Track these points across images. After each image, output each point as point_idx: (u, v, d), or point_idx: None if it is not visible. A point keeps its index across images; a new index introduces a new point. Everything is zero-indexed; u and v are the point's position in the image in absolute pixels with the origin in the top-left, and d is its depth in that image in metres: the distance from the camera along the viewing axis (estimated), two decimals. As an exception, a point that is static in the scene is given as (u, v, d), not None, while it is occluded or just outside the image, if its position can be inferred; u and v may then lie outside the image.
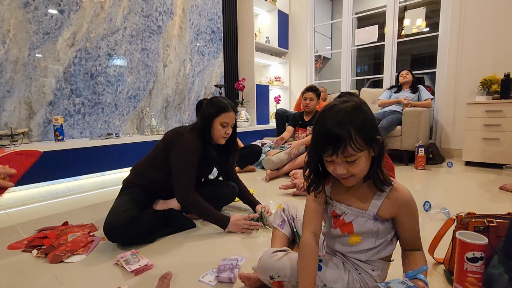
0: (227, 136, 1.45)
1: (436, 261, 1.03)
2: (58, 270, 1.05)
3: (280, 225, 1.04)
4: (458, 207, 1.56)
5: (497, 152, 2.57)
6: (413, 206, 0.73)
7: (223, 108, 1.41)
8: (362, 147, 0.66)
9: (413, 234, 0.75)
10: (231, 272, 0.95)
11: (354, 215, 0.75)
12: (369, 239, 0.74)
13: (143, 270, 1.02)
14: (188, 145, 1.37)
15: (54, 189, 2.20)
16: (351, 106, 0.68)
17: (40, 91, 2.21)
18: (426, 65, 8.00)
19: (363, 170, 0.69)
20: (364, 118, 0.67)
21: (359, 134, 0.65)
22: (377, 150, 0.69)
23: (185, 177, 1.35)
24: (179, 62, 3.24)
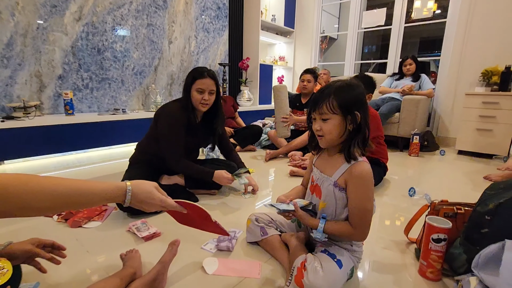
0: (205, 103, 1.47)
1: (409, 240, 1.17)
2: (78, 233, 1.19)
3: (263, 234, 1.05)
4: (442, 194, 1.68)
5: (488, 143, 2.66)
6: (363, 181, 0.81)
7: (198, 75, 1.45)
8: (335, 110, 0.81)
9: (352, 207, 0.83)
10: (229, 242, 1.09)
11: (322, 180, 0.90)
12: (332, 206, 0.88)
13: (152, 237, 1.16)
14: (171, 114, 1.46)
15: (64, 160, 2.33)
16: (342, 82, 0.84)
17: (49, 65, 2.27)
18: (436, 48, 7.82)
19: (332, 132, 0.83)
20: (346, 92, 0.82)
21: (336, 99, 0.81)
22: (353, 125, 0.82)
23: (173, 145, 1.46)
24: (184, 39, 3.24)
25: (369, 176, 0.83)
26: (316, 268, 0.76)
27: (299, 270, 0.77)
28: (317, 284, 0.73)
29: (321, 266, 0.77)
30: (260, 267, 0.97)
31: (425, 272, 0.94)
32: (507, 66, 2.60)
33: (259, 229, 1.07)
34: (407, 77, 3.15)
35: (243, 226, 1.24)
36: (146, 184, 0.73)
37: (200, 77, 1.45)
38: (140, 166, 1.53)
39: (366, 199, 0.82)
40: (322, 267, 0.77)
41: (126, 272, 0.80)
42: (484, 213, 0.85)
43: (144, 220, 1.28)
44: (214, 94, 1.50)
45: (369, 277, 0.96)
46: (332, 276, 0.77)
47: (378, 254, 1.10)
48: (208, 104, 1.49)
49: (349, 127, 0.82)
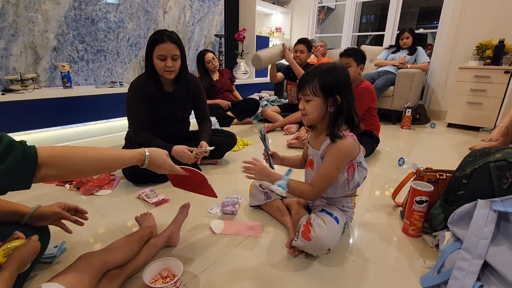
0: (170, 70, 1.34)
1: (396, 204, 1.30)
2: (91, 200, 1.28)
3: (267, 198, 1.16)
4: (429, 164, 1.79)
5: (477, 116, 2.76)
6: (337, 151, 0.89)
7: (156, 40, 1.30)
8: (317, 92, 0.89)
9: (319, 171, 0.93)
10: (233, 206, 1.20)
11: (313, 155, 1.01)
12: None
13: (161, 202, 1.26)
14: (131, 88, 1.40)
15: (65, 133, 2.37)
16: (327, 65, 0.92)
17: (43, 36, 2.23)
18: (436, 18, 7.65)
19: (313, 112, 0.91)
20: (329, 76, 0.88)
21: (319, 82, 0.88)
22: (334, 107, 0.89)
23: (132, 118, 1.42)
24: (179, 9, 3.15)
25: (346, 149, 0.90)
26: (320, 224, 0.88)
27: (306, 226, 0.89)
28: (322, 236, 0.85)
29: (323, 222, 0.89)
30: (262, 227, 1.09)
31: (408, 230, 1.07)
32: (501, 40, 2.63)
33: (263, 194, 1.18)
34: (403, 50, 3.16)
35: (244, 193, 1.35)
36: (160, 151, 0.85)
37: (158, 42, 1.30)
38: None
39: (333, 167, 0.91)
40: (324, 222, 0.88)
41: (144, 231, 0.90)
42: (461, 177, 0.95)
43: (152, 188, 1.38)
44: (179, 59, 1.36)
45: (360, 235, 1.08)
46: (333, 230, 0.89)
47: (368, 216, 1.22)
48: (173, 71, 1.36)
49: (330, 109, 0.90)
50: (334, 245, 0.90)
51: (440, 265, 0.84)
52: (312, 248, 0.88)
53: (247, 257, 0.93)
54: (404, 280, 0.85)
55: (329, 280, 0.84)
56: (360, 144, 1.96)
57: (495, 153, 0.91)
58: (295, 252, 0.93)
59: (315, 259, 0.92)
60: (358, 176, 0.96)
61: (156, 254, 0.89)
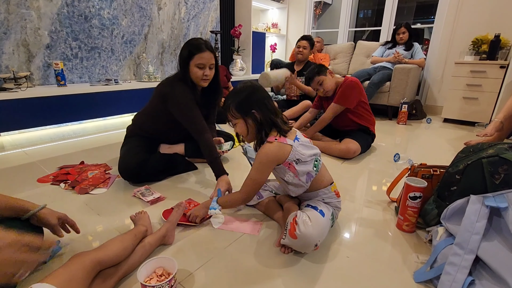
0: (206, 78, 1.39)
1: (391, 199, 1.30)
2: (86, 199, 1.28)
3: (259, 197, 1.18)
4: (425, 159, 1.80)
5: (473, 111, 2.77)
6: (257, 158, 0.95)
7: (196, 49, 1.33)
8: (236, 115, 0.96)
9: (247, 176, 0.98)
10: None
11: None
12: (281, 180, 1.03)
13: (157, 201, 1.26)
14: (183, 97, 1.39)
15: (60, 132, 2.36)
16: (234, 89, 0.99)
17: (36, 33, 2.20)
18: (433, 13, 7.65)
19: (244, 132, 0.98)
20: (238, 97, 0.95)
21: (233, 105, 0.95)
22: (255, 121, 0.95)
23: (195, 123, 1.38)
24: (174, 5, 3.12)
25: (267, 155, 0.94)
26: (305, 221, 0.87)
27: (292, 224, 0.88)
28: (307, 234, 0.85)
29: (308, 218, 0.88)
30: (261, 226, 1.09)
31: (402, 225, 1.07)
32: (496, 34, 2.63)
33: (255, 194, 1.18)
34: (399, 45, 3.16)
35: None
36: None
37: (198, 51, 1.34)
38: (136, 139, 1.55)
39: (255, 171, 0.96)
40: (309, 218, 0.88)
41: (139, 229, 0.90)
42: (455, 173, 0.96)
43: (148, 186, 1.37)
44: (213, 68, 1.42)
45: (354, 231, 1.09)
46: (319, 224, 0.89)
47: (363, 211, 1.22)
48: (209, 79, 1.42)
49: (253, 124, 0.96)
50: (322, 240, 0.90)
51: (432, 260, 0.85)
52: (299, 245, 0.88)
53: (242, 255, 0.93)
54: (397, 275, 0.86)
55: (323, 276, 0.84)
56: (356, 141, 1.95)
57: (487, 149, 0.91)
58: (286, 250, 0.93)
59: (307, 255, 0.93)
60: (303, 168, 0.96)
61: (151, 253, 0.89)
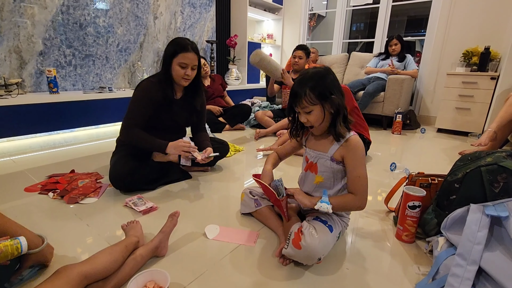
0: (187, 78, 1.40)
1: (389, 209, 1.28)
2: (75, 209, 1.23)
3: (257, 205, 1.13)
4: (420, 169, 1.80)
5: (466, 121, 2.81)
6: (357, 151, 0.90)
7: (182, 48, 1.35)
8: (314, 101, 0.87)
9: (353, 176, 0.91)
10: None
11: (318, 157, 0.98)
12: (329, 179, 0.97)
13: (149, 210, 1.22)
14: (140, 90, 1.39)
15: (51, 140, 2.30)
16: (312, 71, 0.89)
17: (29, 40, 2.18)
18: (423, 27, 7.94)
19: (318, 121, 0.90)
20: (318, 81, 0.86)
21: (312, 91, 0.86)
22: (333, 108, 0.88)
23: (129, 114, 1.39)
24: (170, 14, 3.14)
25: (362, 146, 0.92)
26: (312, 232, 0.85)
27: (296, 234, 0.86)
28: (312, 245, 0.82)
29: (315, 230, 0.86)
30: (257, 237, 1.06)
31: (401, 236, 1.05)
32: (486, 47, 2.70)
33: (253, 201, 1.15)
34: (392, 57, 3.21)
35: (237, 200, 1.32)
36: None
37: (183, 50, 1.35)
38: (127, 147, 1.50)
39: (363, 167, 0.91)
40: (316, 231, 0.86)
41: (130, 240, 0.86)
42: (453, 181, 0.95)
43: (140, 195, 1.33)
44: (196, 69, 1.44)
45: (353, 242, 1.06)
46: (325, 238, 0.86)
47: (361, 222, 1.20)
48: (190, 79, 1.43)
49: (330, 110, 0.89)
50: (325, 254, 0.87)
51: (434, 271, 0.83)
52: (302, 257, 0.84)
53: (237, 267, 0.89)
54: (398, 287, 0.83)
55: (322, 290, 0.81)
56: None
57: (485, 157, 0.91)
58: (285, 261, 0.90)
59: (307, 267, 0.90)
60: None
61: (142, 265, 0.85)
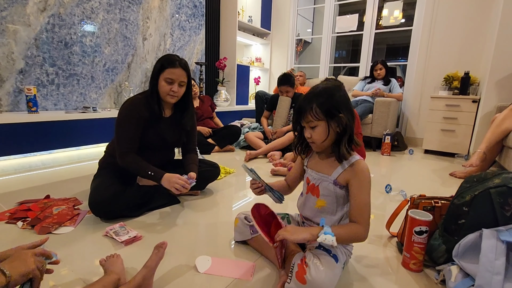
0: (174, 95, 1.35)
1: (391, 234, 1.22)
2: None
3: (253, 232, 1.04)
4: (414, 190, 1.77)
5: (451, 142, 2.87)
6: (363, 177, 0.84)
7: (169, 63, 1.31)
8: (319, 116, 0.83)
9: (356, 203, 0.84)
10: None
11: (320, 180, 0.91)
12: (332, 204, 0.90)
13: (132, 241, 1.10)
14: (126, 107, 1.34)
15: (26, 162, 2.14)
16: (321, 88, 0.85)
17: (9, 58, 2.07)
18: (400, 54, 8.45)
19: (322, 138, 0.85)
20: (327, 97, 0.83)
21: (319, 106, 0.82)
22: (340, 127, 0.84)
23: (123, 138, 1.33)
24: (159, 36, 3.13)
25: (368, 171, 0.87)
26: (317, 264, 0.77)
27: (300, 266, 0.77)
28: (319, 279, 0.74)
29: (320, 262, 0.78)
30: (254, 269, 0.95)
31: (408, 264, 0.98)
32: (466, 72, 2.83)
33: (249, 228, 1.05)
34: (378, 80, 3.31)
35: (229, 226, 1.22)
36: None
37: (170, 65, 1.31)
38: (111, 170, 1.41)
39: (368, 194, 0.86)
40: (321, 263, 0.77)
41: (109, 279, 0.74)
42: (461, 204, 0.90)
43: (123, 223, 1.21)
44: (184, 86, 1.38)
45: (357, 271, 0.98)
46: (331, 271, 0.78)
47: (363, 248, 1.13)
48: (176, 96, 1.36)
49: (336, 129, 0.84)
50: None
51: (452, 305, 0.76)
52: None
53: (234, 306, 0.79)
54: (414, 326, 0.75)
55: (331, 331, 0.72)
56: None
57: (493, 179, 0.88)
58: None
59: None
60: None
61: (123, 308, 0.73)
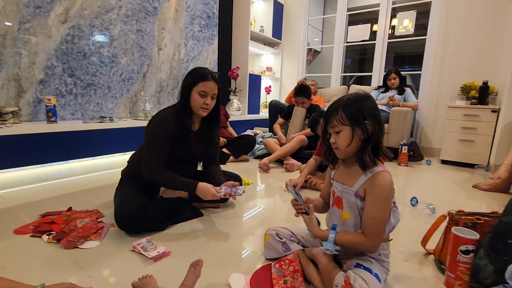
0: (207, 107, 1.36)
1: (427, 251, 1.17)
2: (74, 255, 1.06)
3: (285, 249, 1.00)
4: (440, 203, 1.73)
5: (471, 153, 2.81)
6: (379, 190, 0.80)
7: (202, 77, 1.33)
8: (344, 121, 0.84)
9: (368, 215, 0.81)
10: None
11: (343, 191, 0.90)
12: (355, 217, 0.88)
13: (161, 256, 1.06)
14: (159, 120, 1.33)
15: (43, 172, 2.13)
16: (350, 95, 0.88)
17: (30, 68, 2.10)
18: (406, 63, 8.47)
19: (345, 143, 0.85)
20: (353, 103, 0.84)
21: (344, 111, 0.84)
22: (365, 135, 0.83)
23: (151, 152, 1.31)
24: (174, 46, 3.16)
25: (388, 186, 0.82)
26: (362, 285, 0.73)
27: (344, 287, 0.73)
28: None
29: (365, 282, 0.74)
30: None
31: (453, 285, 0.93)
32: (484, 82, 2.79)
33: (281, 244, 1.02)
34: (392, 90, 3.28)
35: (256, 239, 1.18)
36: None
37: (203, 79, 1.33)
38: (133, 182, 1.39)
39: (381, 208, 0.82)
40: (366, 283, 0.74)
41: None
42: (510, 223, 0.86)
43: (149, 238, 1.18)
44: (215, 99, 1.40)
45: (398, 292, 0.93)
46: None
47: (399, 267, 1.08)
48: (209, 109, 1.38)
49: (361, 136, 0.84)
50: None
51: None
52: None
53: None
54: None
55: None
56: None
57: (546, 196, 0.83)
58: None
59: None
60: (393, 218, 0.87)
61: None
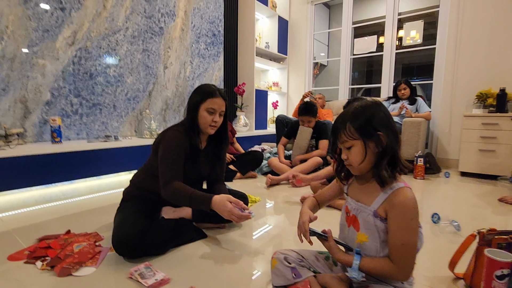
0: (215, 125, 1.33)
1: (456, 276, 1.04)
2: (68, 284, 0.99)
3: (295, 275, 0.89)
4: (464, 220, 1.58)
5: (492, 163, 2.64)
6: (404, 209, 0.72)
7: (210, 94, 1.30)
8: (354, 135, 0.76)
9: (394, 241, 0.73)
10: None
11: (359, 210, 0.81)
12: (374, 240, 0.77)
13: (160, 284, 0.97)
14: (171, 139, 1.29)
15: (47, 193, 2.10)
16: (356, 105, 0.79)
17: (36, 90, 2.12)
18: (415, 74, 8.38)
19: (358, 159, 0.76)
20: (361, 114, 0.76)
21: (352, 124, 0.76)
22: (379, 148, 0.75)
23: (170, 166, 1.25)
24: (179, 64, 3.19)
25: (412, 204, 0.73)
26: None
27: None
28: None
29: None
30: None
31: (491, 316, 0.80)
32: (502, 89, 2.66)
33: (290, 270, 0.91)
34: (402, 100, 3.18)
35: (263, 262, 1.08)
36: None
37: (211, 96, 1.30)
38: (134, 202, 1.34)
39: (409, 231, 0.72)
40: None
41: None
42: (556, 244, 0.74)
43: (148, 263, 1.09)
44: (222, 116, 1.37)
45: (427, 327, 0.81)
46: None
47: (426, 294, 0.95)
48: (217, 126, 1.35)
49: (375, 150, 0.76)
50: None
51: None
52: None
53: None
54: None
55: None
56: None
57: None
58: None
59: None
60: (421, 235, 0.77)
61: None
